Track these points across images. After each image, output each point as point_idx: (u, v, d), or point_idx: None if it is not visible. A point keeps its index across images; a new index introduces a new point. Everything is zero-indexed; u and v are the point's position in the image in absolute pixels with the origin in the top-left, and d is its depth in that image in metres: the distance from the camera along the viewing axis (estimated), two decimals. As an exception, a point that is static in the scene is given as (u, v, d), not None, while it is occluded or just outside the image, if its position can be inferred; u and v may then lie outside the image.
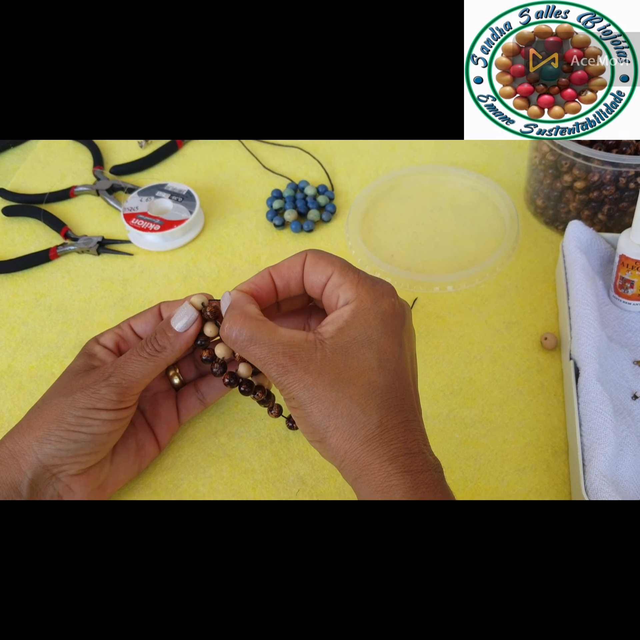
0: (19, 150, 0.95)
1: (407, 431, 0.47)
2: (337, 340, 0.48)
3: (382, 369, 0.48)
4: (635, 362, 0.64)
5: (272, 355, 0.48)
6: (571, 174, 0.71)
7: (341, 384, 0.47)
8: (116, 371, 0.54)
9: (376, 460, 0.46)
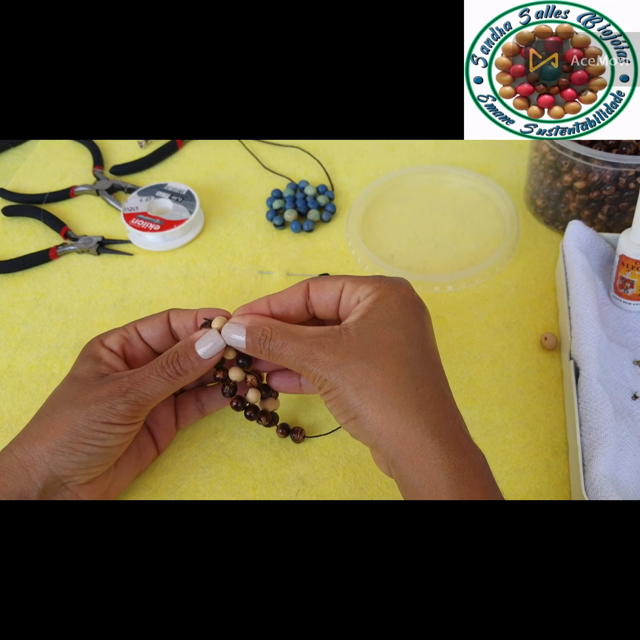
0: (19, 150, 0.95)
1: (447, 407, 0.47)
2: (361, 325, 0.49)
3: (411, 343, 0.48)
4: (635, 362, 0.64)
5: (302, 348, 0.49)
6: (571, 174, 0.71)
7: (371, 356, 0.47)
8: (134, 388, 0.53)
9: (417, 434, 0.45)
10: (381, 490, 0.58)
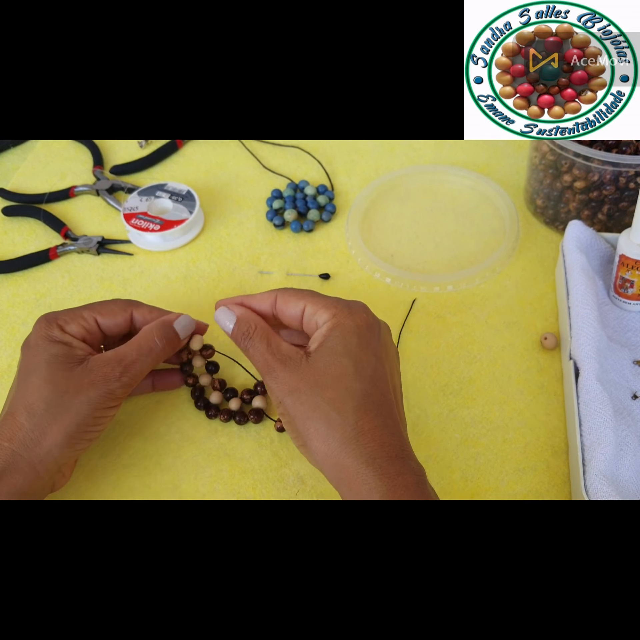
0: (19, 150, 0.95)
1: (385, 435, 0.49)
2: (318, 352, 0.52)
3: (358, 375, 0.51)
4: (635, 361, 0.64)
5: (269, 360, 0.53)
6: (571, 174, 0.71)
7: (320, 388, 0.51)
8: (127, 370, 0.56)
9: (353, 463, 0.48)
10: (381, 490, 0.58)
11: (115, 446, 0.62)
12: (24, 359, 0.57)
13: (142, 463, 0.61)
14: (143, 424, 0.64)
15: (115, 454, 0.62)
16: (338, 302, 0.55)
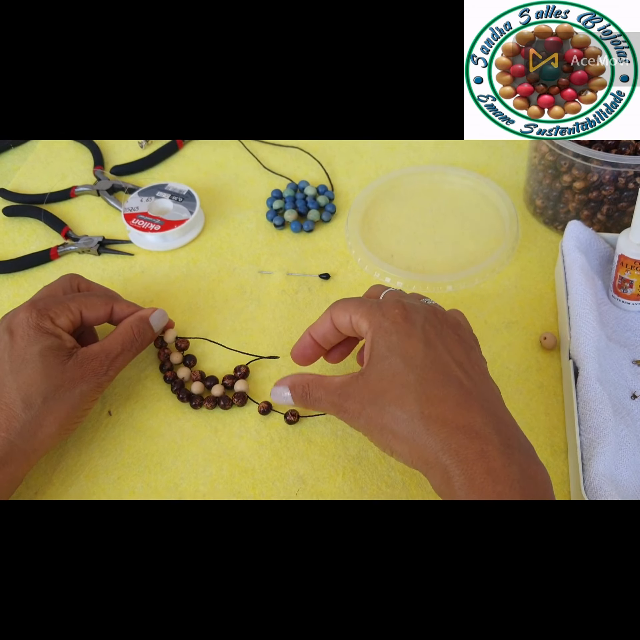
0: (20, 150, 0.95)
1: (458, 415, 0.48)
2: (369, 364, 0.53)
3: (409, 367, 0.51)
4: (634, 361, 0.64)
5: (333, 401, 0.55)
6: (570, 174, 0.71)
7: (379, 396, 0.51)
8: (113, 364, 0.60)
9: (432, 455, 0.48)
10: (381, 490, 0.58)
11: (115, 445, 0.62)
12: (14, 346, 0.57)
13: (143, 462, 0.61)
14: (143, 424, 0.64)
15: (116, 454, 0.62)
16: (371, 307, 0.55)
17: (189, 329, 0.71)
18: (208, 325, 0.71)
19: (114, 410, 0.65)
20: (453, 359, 0.52)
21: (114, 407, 0.65)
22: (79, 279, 0.66)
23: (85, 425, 0.64)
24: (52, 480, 0.60)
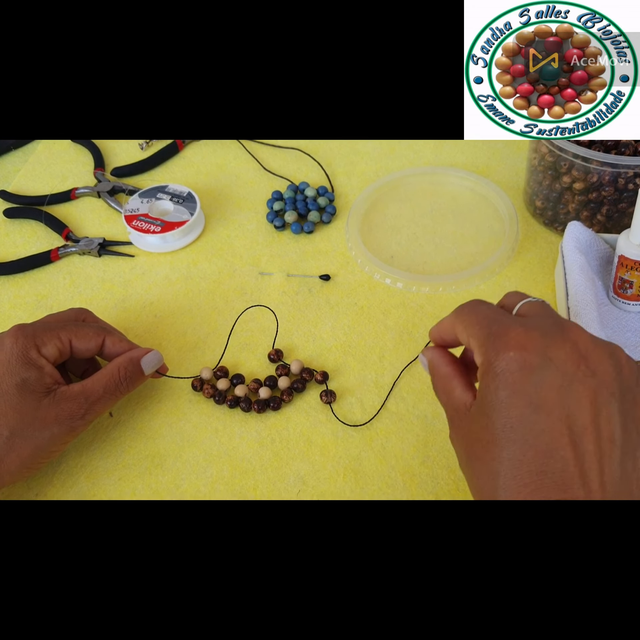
0: (20, 152, 0.95)
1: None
2: (474, 407, 0.45)
3: (507, 439, 0.42)
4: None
5: (446, 404, 0.49)
6: (570, 175, 0.71)
7: (471, 457, 0.45)
8: (91, 408, 0.57)
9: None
10: (382, 491, 0.58)
11: (116, 447, 0.62)
12: None
13: (144, 463, 0.61)
14: (144, 425, 0.64)
15: (117, 455, 0.62)
16: (489, 336, 0.45)
17: (189, 331, 0.71)
18: (209, 327, 0.71)
19: (115, 412, 0.65)
20: (569, 432, 0.41)
21: (115, 409, 0.65)
22: (87, 314, 0.64)
23: (86, 426, 0.64)
24: (53, 481, 0.60)
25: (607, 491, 0.40)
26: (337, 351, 0.69)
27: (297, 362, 0.66)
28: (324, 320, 0.71)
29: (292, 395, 0.65)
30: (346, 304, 0.73)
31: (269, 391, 0.65)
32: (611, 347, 0.44)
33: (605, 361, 0.43)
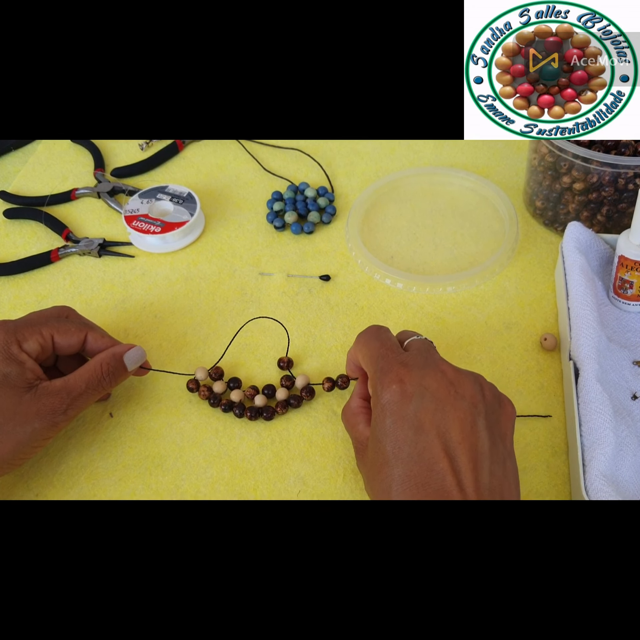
0: (20, 153, 0.95)
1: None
2: (370, 440, 0.52)
3: (395, 459, 0.48)
4: (634, 362, 0.64)
5: (352, 442, 0.57)
6: (570, 175, 0.71)
7: (370, 480, 0.51)
8: (73, 403, 0.56)
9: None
10: (382, 490, 0.59)
11: (116, 447, 0.62)
12: None
13: (144, 464, 0.61)
14: (144, 425, 0.64)
15: (117, 455, 0.62)
16: (376, 372, 0.52)
17: (189, 331, 0.71)
18: (209, 327, 0.71)
19: (115, 412, 0.65)
20: (444, 447, 0.47)
21: (115, 409, 0.65)
22: (70, 311, 0.64)
23: (86, 427, 0.64)
24: (53, 482, 0.60)
25: (481, 495, 0.46)
26: (337, 351, 0.69)
27: (303, 377, 0.65)
28: (324, 321, 0.71)
29: (287, 408, 0.64)
30: (346, 304, 0.73)
31: (265, 400, 0.64)
32: (474, 375, 0.52)
33: (471, 386, 0.50)
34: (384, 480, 0.48)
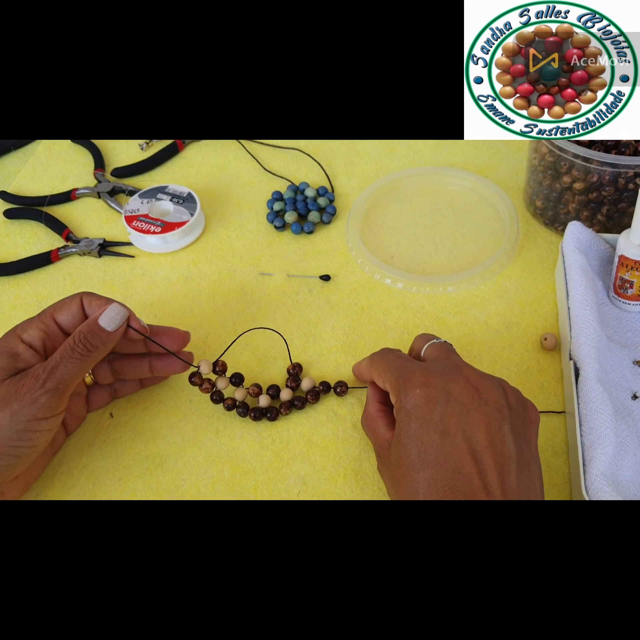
0: (21, 153, 0.95)
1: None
2: (393, 444, 0.52)
3: (421, 462, 0.48)
4: (635, 362, 0.64)
5: (373, 447, 0.58)
6: (570, 175, 0.71)
7: (395, 484, 0.51)
8: (50, 376, 0.53)
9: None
10: (382, 491, 0.58)
11: (117, 447, 0.63)
12: None
13: (144, 464, 0.61)
14: (145, 425, 0.64)
15: (117, 455, 0.62)
16: (399, 379, 0.53)
17: (190, 331, 0.71)
18: (209, 327, 0.71)
19: (115, 412, 0.65)
20: (471, 451, 0.48)
21: (116, 409, 0.65)
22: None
23: (87, 427, 0.64)
24: (54, 482, 0.60)
25: (508, 498, 0.47)
26: (337, 351, 0.69)
27: (309, 380, 0.65)
28: (324, 321, 0.72)
29: (291, 410, 0.64)
30: (346, 304, 0.73)
31: (269, 400, 0.64)
32: (497, 380, 0.53)
33: (494, 391, 0.51)
34: (410, 483, 0.48)
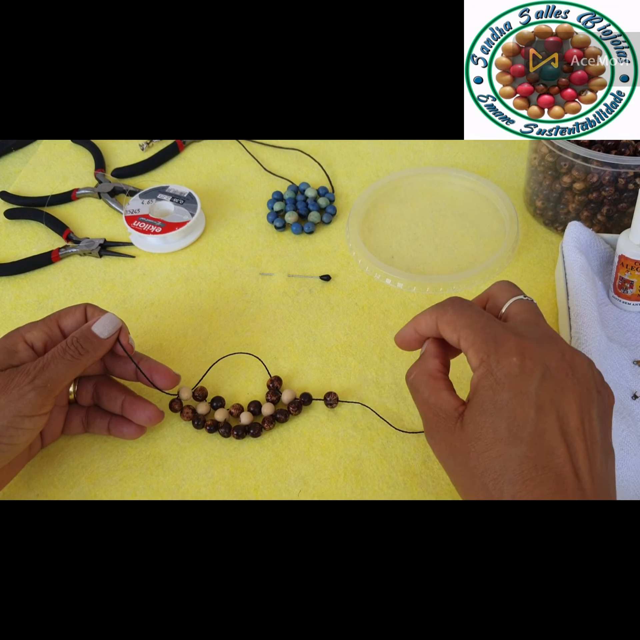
0: (21, 153, 0.95)
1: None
2: (470, 410, 0.47)
3: (513, 437, 0.44)
4: (635, 362, 0.64)
5: (427, 409, 0.50)
6: (570, 175, 0.71)
7: (472, 457, 0.46)
8: (40, 373, 0.53)
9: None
10: (382, 491, 0.58)
11: (117, 447, 0.63)
12: None
13: (145, 464, 0.61)
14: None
15: (118, 455, 0.62)
16: (487, 341, 0.48)
17: (190, 331, 0.71)
18: (209, 327, 0.71)
19: (116, 412, 0.65)
20: (562, 432, 0.45)
21: (116, 409, 0.65)
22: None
23: (87, 426, 0.64)
24: (54, 482, 0.60)
25: (596, 485, 0.44)
26: (337, 351, 0.69)
27: (289, 392, 0.64)
28: (324, 321, 0.72)
29: (274, 424, 0.63)
30: (347, 304, 0.73)
31: (251, 417, 0.63)
32: (588, 359, 0.49)
33: (587, 371, 0.47)
34: (497, 458, 0.44)
